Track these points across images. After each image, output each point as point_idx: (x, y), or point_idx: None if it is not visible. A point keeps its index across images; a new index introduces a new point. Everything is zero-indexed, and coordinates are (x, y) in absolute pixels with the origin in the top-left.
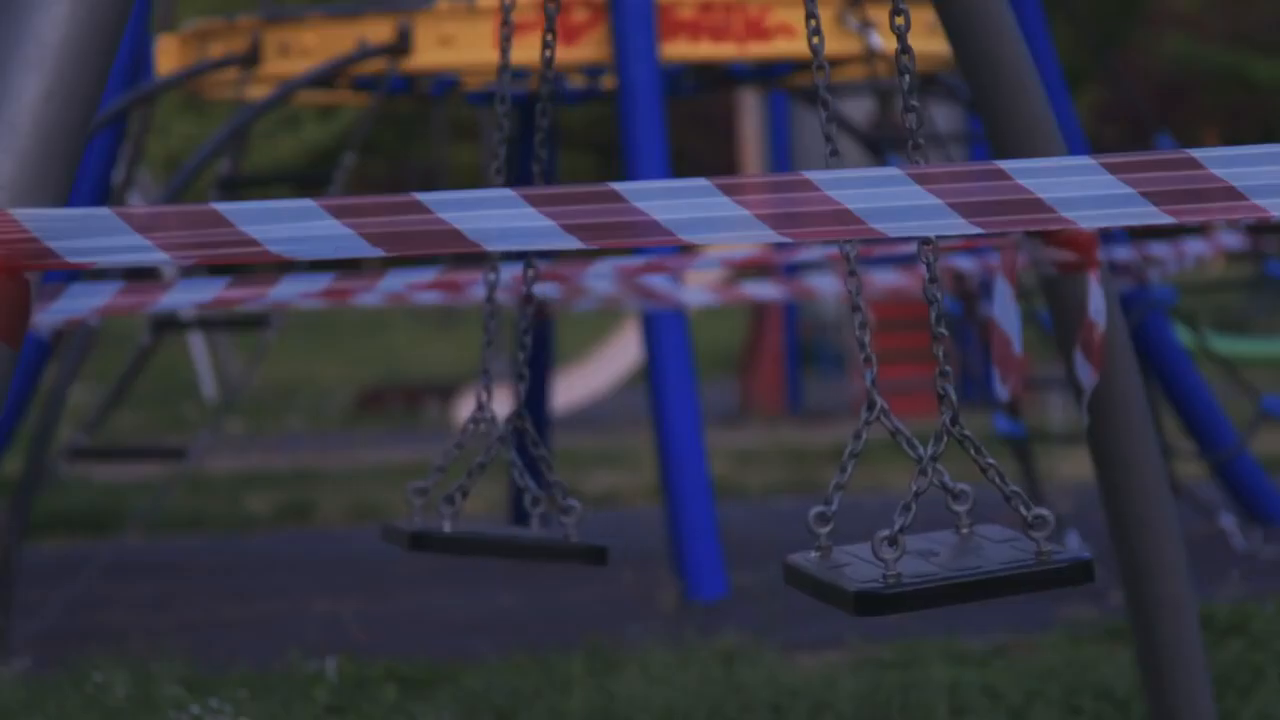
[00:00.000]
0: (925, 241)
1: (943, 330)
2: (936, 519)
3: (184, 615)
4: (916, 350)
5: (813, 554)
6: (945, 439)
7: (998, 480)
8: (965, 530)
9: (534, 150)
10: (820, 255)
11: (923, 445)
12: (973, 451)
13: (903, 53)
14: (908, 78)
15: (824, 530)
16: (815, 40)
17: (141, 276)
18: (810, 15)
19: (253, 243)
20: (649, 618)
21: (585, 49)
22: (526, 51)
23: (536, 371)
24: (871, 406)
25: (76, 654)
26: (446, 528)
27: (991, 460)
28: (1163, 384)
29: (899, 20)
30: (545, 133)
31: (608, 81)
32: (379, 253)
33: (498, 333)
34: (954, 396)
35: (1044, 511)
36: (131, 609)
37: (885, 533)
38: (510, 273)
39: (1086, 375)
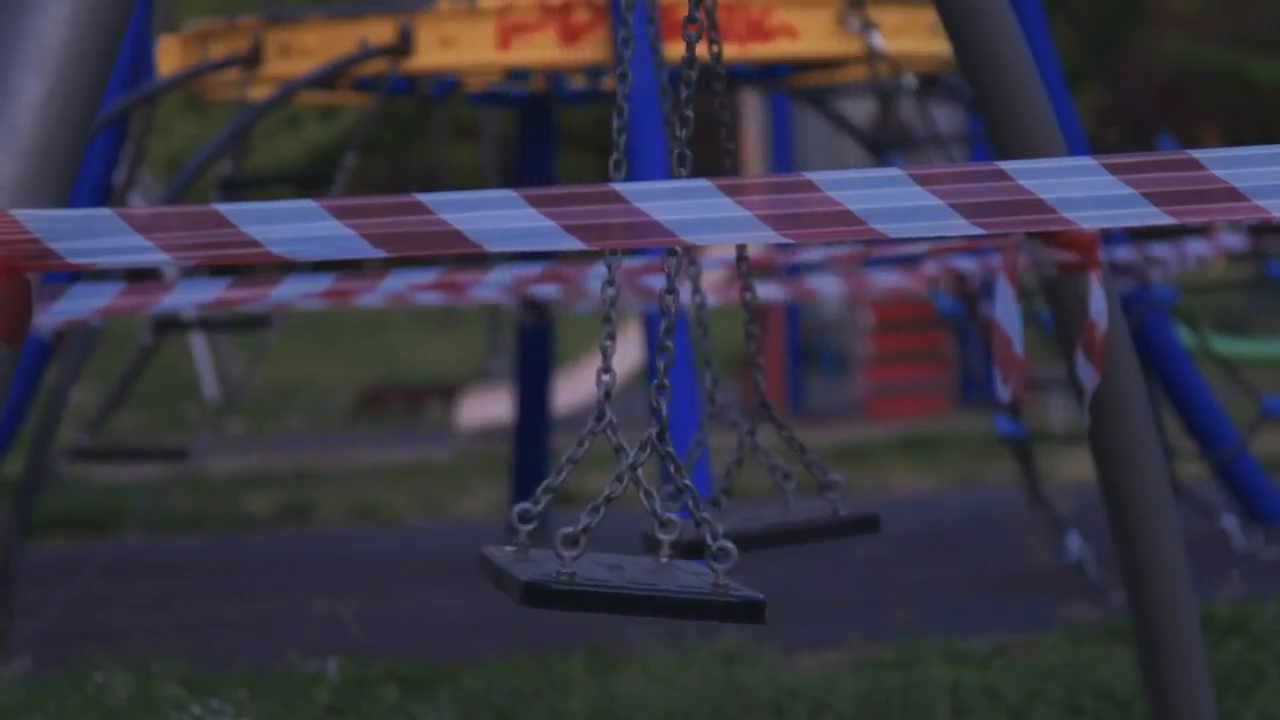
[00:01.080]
0: (670, 252)
1: (670, 344)
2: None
3: (184, 615)
4: (917, 351)
5: (509, 548)
6: (649, 450)
7: (692, 505)
8: (664, 559)
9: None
10: (822, 256)
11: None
12: (672, 468)
13: (688, 66)
14: (684, 93)
15: (526, 528)
16: None
17: (143, 277)
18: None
19: (254, 243)
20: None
21: (586, 49)
22: (529, 52)
23: (537, 372)
24: (600, 418)
25: (76, 654)
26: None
27: (688, 483)
28: (1164, 384)
29: (691, 29)
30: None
31: (608, 81)
32: (380, 253)
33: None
34: (665, 412)
35: (728, 545)
36: (131, 609)
37: (568, 530)
38: (512, 273)
39: (1088, 376)
